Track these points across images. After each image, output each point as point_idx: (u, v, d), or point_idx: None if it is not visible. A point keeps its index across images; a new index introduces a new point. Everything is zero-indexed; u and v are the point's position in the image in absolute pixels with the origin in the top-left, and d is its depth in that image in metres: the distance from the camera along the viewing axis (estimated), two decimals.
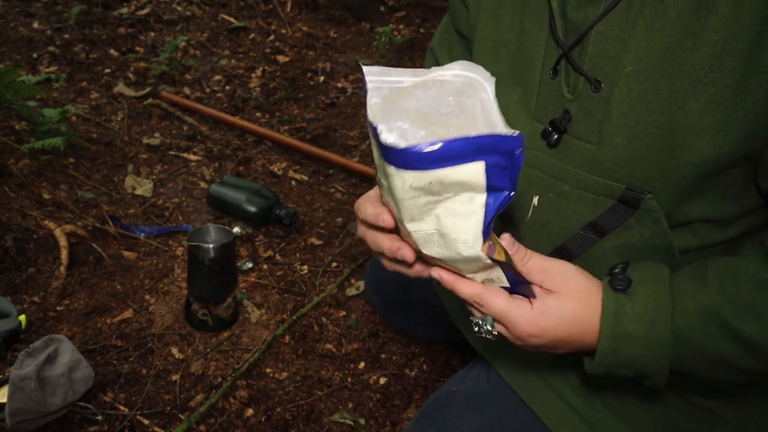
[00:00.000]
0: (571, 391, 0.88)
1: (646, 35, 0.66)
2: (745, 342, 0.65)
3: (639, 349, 0.68)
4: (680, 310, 0.68)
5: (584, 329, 0.69)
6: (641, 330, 0.67)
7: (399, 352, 1.67)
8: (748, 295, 0.65)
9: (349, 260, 1.98)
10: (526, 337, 0.69)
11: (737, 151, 0.65)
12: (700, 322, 0.67)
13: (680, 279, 0.70)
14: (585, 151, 0.74)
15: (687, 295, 0.68)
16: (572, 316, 0.68)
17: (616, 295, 0.69)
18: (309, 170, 2.46)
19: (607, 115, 0.70)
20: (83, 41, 3.31)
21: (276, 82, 3.08)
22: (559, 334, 0.69)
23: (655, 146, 0.68)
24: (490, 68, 0.83)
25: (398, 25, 3.74)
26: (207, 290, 1.64)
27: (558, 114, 0.76)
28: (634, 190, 0.71)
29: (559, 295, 0.68)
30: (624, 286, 0.69)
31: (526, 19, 0.78)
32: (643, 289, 0.69)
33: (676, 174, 0.68)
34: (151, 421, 1.42)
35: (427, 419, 0.95)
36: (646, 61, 0.67)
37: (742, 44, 0.61)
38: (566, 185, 0.77)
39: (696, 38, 0.63)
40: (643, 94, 0.68)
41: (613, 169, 0.72)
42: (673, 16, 0.64)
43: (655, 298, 0.68)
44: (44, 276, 1.78)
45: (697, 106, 0.65)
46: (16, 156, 2.25)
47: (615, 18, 0.68)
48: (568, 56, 0.73)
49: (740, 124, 0.63)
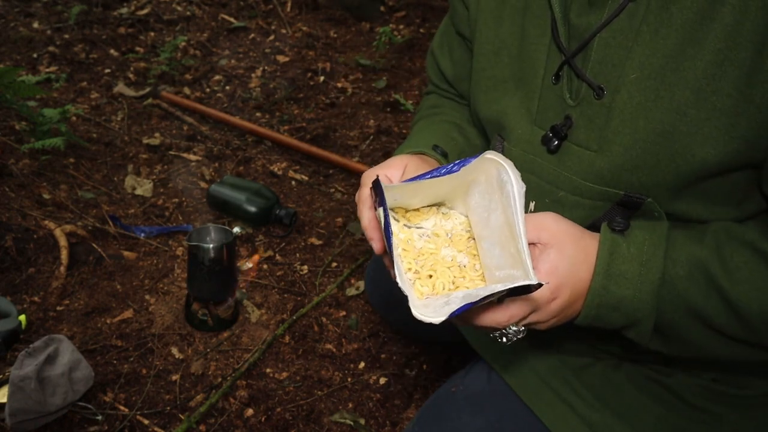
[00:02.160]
0: (571, 392, 0.88)
1: (650, 43, 0.66)
2: (729, 301, 0.65)
3: (630, 289, 0.68)
4: (672, 257, 0.68)
5: (588, 269, 0.69)
6: (634, 270, 0.68)
7: (399, 352, 1.67)
8: (740, 259, 0.66)
9: (349, 260, 1.98)
10: (549, 304, 0.67)
11: (739, 159, 0.65)
12: (689, 272, 0.67)
13: (678, 232, 0.70)
14: (584, 157, 0.73)
15: (681, 246, 0.68)
16: (575, 255, 0.68)
17: (613, 235, 0.69)
18: (309, 170, 2.46)
19: (608, 122, 0.70)
20: (83, 41, 3.31)
21: (276, 82, 3.08)
22: (573, 281, 0.68)
23: (655, 154, 0.68)
24: (491, 71, 0.83)
25: (398, 25, 3.74)
26: (207, 290, 1.64)
27: (559, 120, 0.76)
28: (633, 196, 0.71)
29: (555, 244, 0.67)
30: (622, 228, 0.69)
31: (527, 23, 0.78)
32: (640, 233, 0.69)
33: (675, 181, 0.68)
34: (151, 421, 1.42)
35: (427, 419, 0.95)
36: (649, 69, 0.66)
37: (745, 53, 0.60)
38: (562, 192, 0.77)
39: (699, 47, 0.63)
40: (644, 102, 0.67)
41: (611, 176, 0.72)
42: (677, 24, 0.64)
43: (651, 242, 0.68)
44: (44, 276, 1.78)
45: (698, 114, 0.64)
46: (16, 156, 2.25)
47: (618, 25, 0.68)
48: (570, 63, 0.73)
49: (742, 134, 0.63)
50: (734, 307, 0.65)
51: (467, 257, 0.69)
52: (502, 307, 0.66)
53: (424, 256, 0.70)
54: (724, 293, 0.65)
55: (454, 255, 0.70)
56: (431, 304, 0.63)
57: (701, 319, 0.68)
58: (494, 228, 0.65)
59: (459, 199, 0.71)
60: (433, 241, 0.71)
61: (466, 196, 0.70)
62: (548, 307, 0.68)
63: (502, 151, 0.84)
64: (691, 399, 0.84)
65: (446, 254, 0.70)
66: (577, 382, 0.88)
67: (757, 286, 0.64)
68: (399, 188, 0.67)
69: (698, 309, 0.67)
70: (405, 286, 0.61)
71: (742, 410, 0.83)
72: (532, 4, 0.78)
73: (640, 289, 0.68)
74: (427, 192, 0.69)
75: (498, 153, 0.63)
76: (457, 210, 0.73)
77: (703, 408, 0.83)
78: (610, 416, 0.86)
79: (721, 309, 0.66)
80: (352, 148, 2.63)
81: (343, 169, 2.44)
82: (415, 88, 3.14)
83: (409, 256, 0.70)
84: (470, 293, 0.62)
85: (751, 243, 0.66)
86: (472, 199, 0.69)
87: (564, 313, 0.70)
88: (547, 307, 0.67)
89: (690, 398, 0.84)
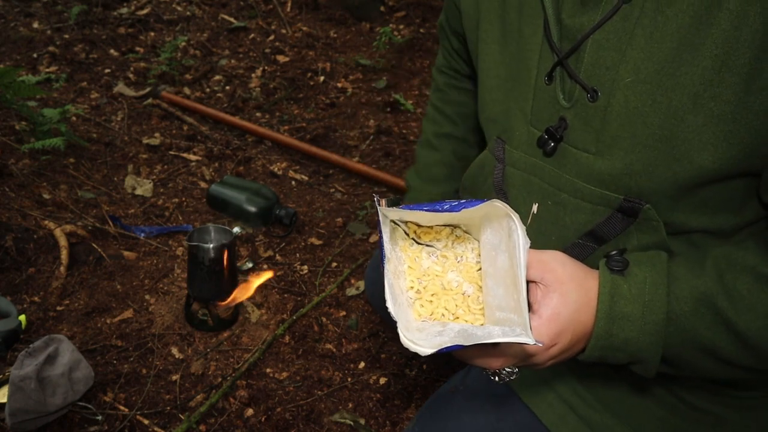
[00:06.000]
0: (572, 393, 0.88)
1: (645, 47, 0.65)
2: (737, 333, 0.64)
3: (634, 331, 0.67)
4: (676, 294, 0.67)
5: (590, 312, 0.68)
6: (637, 311, 0.67)
7: (399, 352, 1.66)
8: (744, 286, 0.64)
9: (349, 260, 1.98)
10: (548, 350, 0.67)
11: (738, 167, 0.64)
12: (695, 308, 0.66)
13: (677, 264, 0.69)
14: (582, 160, 0.72)
15: (683, 281, 0.67)
16: (579, 301, 0.67)
17: (612, 276, 0.68)
18: (309, 170, 2.46)
19: (605, 125, 0.69)
20: (83, 41, 3.31)
21: (276, 82, 3.08)
22: (574, 326, 0.67)
23: (653, 159, 0.67)
24: (496, 70, 0.83)
25: (398, 25, 3.74)
26: (207, 290, 1.64)
27: (554, 122, 0.75)
28: (632, 201, 0.70)
29: (561, 287, 0.67)
30: (621, 267, 0.68)
31: (522, 22, 0.78)
32: (640, 271, 0.68)
33: (673, 187, 0.67)
34: (151, 421, 1.42)
35: (427, 419, 0.95)
36: (644, 73, 0.65)
37: (743, 59, 0.59)
38: (563, 194, 0.76)
39: (696, 52, 0.62)
40: (640, 107, 0.66)
41: (610, 180, 0.71)
42: (673, 29, 0.63)
43: (652, 281, 0.67)
44: (44, 276, 1.78)
45: (696, 120, 0.63)
46: (16, 156, 2.25)
47: (612, 27, 0.67)
48: (563, 63, 0.72)
49: (741, 141, 0.62)
50: (743, 338, 0.64)
51: (472, 287, 0.68)
52: (497, 352, 0.66)
53: (429, 276, 0.69)
54: (732, 325, 0.64)
55: (460, 282, 0.69)
56: (426, 329, 0.62)
57: (710, 351, 0.67)
58: (499, 269, 0.64)
59: (474, 226, 0.70)
60: (440, 263, 0.70)
61: (480, 227, 0.69)
62: (546, 353, 0.67)
63: (503, 154, 0.83)
64: (692, 400, 0.83)
65: (452, 279, 0.69)
66: (578, 383, 0.88)
67: (764, 313, 0.63)
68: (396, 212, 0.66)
69: (706, 343, 0.66)
70: (395, 310, 0.60)
71: (743, 412, 0.83)
72: (525, 3, 0.77)
73: (644, 330, 0.67)
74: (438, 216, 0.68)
75: (505, 204, 0.63)
76: (472, 236, 0.72)
77: (704, 409, 0.83)
78: (610, 417, 0.86)
79: (730, 341, 0.65)
80: (352, 148, 2.63)
81: (343, 169, 2.44)
82: (415, 88, 3.14)
83: (413, 274, 0.68)
84: (466, 330, 0.61)
85: (752, 268, 0.65)
86: (484, 233, 0.68)
87: (563, 355, 0.70)
88: (545, 353, 0.67)
89: (691, 400, 0.83)
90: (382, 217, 0.65)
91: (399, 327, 0.59)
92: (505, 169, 0.83)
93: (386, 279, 0.62)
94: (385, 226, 0.65)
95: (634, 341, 0.67)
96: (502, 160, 0.83)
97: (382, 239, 0.64)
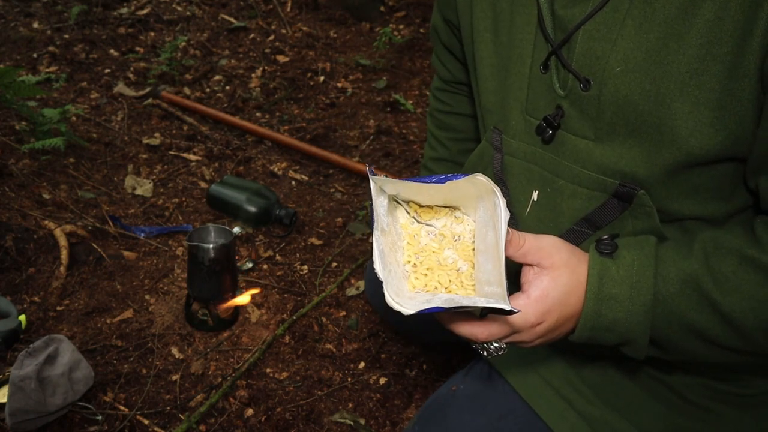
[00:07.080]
0: (572, 390, 0.88)
1: (634, 37, 0.67)
2: (723, 314, 0.65)
3: (622, 311, 0.68)
4: (663, 275, 0.68)
5: (579, 294, 0.69)
6: (624, 293, 0.68)
7: (399, 352, 1.67)
8: (729, 268, 0.66)
9: (349, 260, 1.98)
10: (534, 327, 0.68)
11: (725, 152, 0.66)
12: (681, 290, 0.67)
13: (666, 248, 0.70)
14: (581, 146, 0.74)
15: (670, 263, 0.68)
16: (569, 284, 0.69)
17: (601, 259, 0.70)
18: (309, 170, 2.46)
19: (600, 114, 0.71)
20: (83, 41, 3.31)
21: (276, 82, 3.08)
22: (561, 308, 0.69)
23: (645, 145, 0.69)
24: (489, 60, 0.84)
25: (398, 25, 3.74)
26: (207, 290, 1.64)
27: (550, 110, 0.76)
28: (627, 186, 0.72)
29: (553, 271, 0.68)
30: (610, 250, 0.70)
31: (515, 11, 0.79)
32: (628, 254, 0.70)
33: (664, 172, 0.69)
34: (151, 421, 1.43)
35: (427, 419, 0.95)
36: (633, 62, 0.67)
37: (726, 48, 0.61)
38: (561, 180, 0.77)
39: (681, 41, 0.64)
40: (630, 96, 0.68)
41: (606, 165, 0.72)
42: (660, 19, 0.65)
43: (640, 263, 0.69)
44: (44, 276, 1.78)
45: (683, 108, 0.65)
46: (16, 156, 2.25)
47: (603, 18, 0.68)
48: (557, 53, 0.73)
49: (727, 127, 0.64)
50: (728, 319, 0.65)
51: (467, 265, 0.70)
52: (482, 323, 0.67)
53: (426, 252, 0.71)
54: (717, 306, 0.66)
55: (455, 259, 0.71)
56: (417, 298, 0.64)
57: (696, 332, 0.68)
58: (489, 245, 0.66)
59: (471, 208, 0.72)
60: (438, 241, 0.72)
61: (476, 208, 0.71)
62: (532, 330, 0.68)
63: (500, 144, 0.84)
64: (692, 397, 0.84)
65: (448, 255, 0.71)
66: (578, 379, 0.88)
67: (748, 294, 0.64)
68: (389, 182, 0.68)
69: (692, 324, 0.67)
70: (383, 273, 0.62)
71: (742, 409, 0.83)
72: None
73: (631, 311, 0.68)
74: (431, 194, 0.70)
75: (487, 177, 0.64)
76: (470, 217, 0.75)
77: (703, 406, 0.83)
78: (609, 413, 0.86)
79: (716, 322, 0.66)
80: (352, 148, 2.63)
81: (343, 169, 2.44)
82: (415, 88, 3.14)
83: (411, 249, 0.71)
84: (453, 298, 0.63)
85: (738, 250, 0.66)
86: (478, 212, 0.70)
87: (550, 334, 0.71)
88: (531, 330, 0.68)
89: (690, 396, 0.84)
90: (375, 187, 0.67)
91: (385, 286, 0.61)
92: (503, 159, 0.84)
93: (376, 244, 0.64)
94: (378, 195, 0.68)
95: (622, 321, 0.69)
96: (500, 150, 0.85)
97: (372, 206, 0.66)
